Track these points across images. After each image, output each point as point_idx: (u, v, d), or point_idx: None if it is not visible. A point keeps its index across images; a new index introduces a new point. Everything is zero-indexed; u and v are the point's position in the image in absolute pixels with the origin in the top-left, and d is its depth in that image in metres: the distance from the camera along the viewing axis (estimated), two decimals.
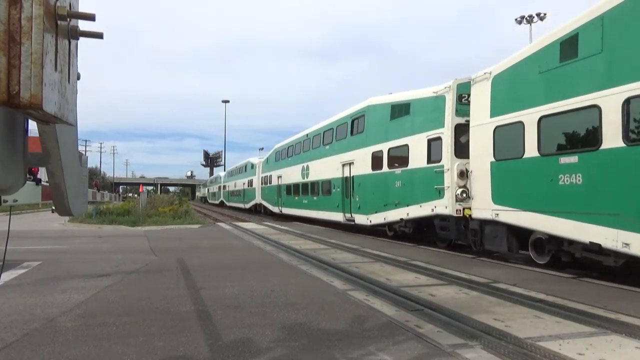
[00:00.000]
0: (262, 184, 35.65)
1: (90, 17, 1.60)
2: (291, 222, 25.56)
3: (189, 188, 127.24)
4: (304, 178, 24.67)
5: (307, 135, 25.14)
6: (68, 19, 1.51)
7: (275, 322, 5.48)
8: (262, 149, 50.12)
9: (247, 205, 41.34)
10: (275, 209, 31.17)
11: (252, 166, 39.67)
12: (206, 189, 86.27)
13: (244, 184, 43.45)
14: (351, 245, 13.96)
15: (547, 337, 4.85)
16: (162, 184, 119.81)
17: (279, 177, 29.98)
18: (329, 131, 21.48)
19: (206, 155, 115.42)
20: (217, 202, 66.51)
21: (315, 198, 23.01)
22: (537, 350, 4.46)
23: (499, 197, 10.29)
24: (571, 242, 8.50)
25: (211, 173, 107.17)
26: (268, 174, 33.50)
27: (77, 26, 1.62)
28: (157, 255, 11.67)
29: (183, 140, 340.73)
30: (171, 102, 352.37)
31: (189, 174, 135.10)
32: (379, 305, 6.36)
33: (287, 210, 28.60)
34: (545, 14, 41.42)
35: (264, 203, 34.79)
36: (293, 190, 26.84)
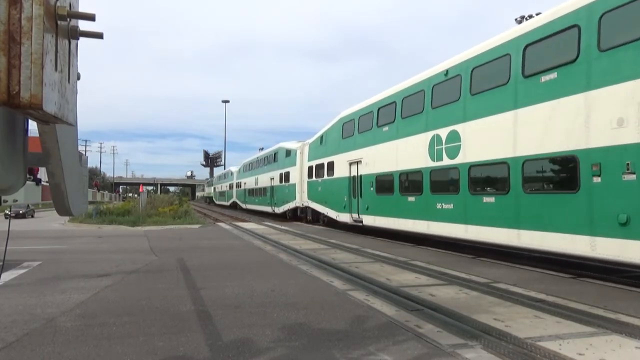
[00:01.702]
0: (310, 176, 23.43)
1: (90, 17, 1.59)
2: (291, 222, 25.54)
3: (189, 188, 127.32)
4: (448, 157, 12.06)
5: (461, 67, 11.80)
6: (68, 19, 1.50)
7: (275, 322, 5.48)
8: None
9: (279, 209, 29.58)
10: (345, 217, 18.84)
11: (289, 153, 27.89)
12: (212, 187, 73.56)
13: (272, 179, 31.60)
14: (351, 245, 13.95)
15: (547, 337, 4.84)
16: (162, 184, 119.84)
17: (355, 163, 17.81)
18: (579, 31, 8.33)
19: (206, 155, 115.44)
20: (227, 203, 53.95)
21: (488, 200, 10.67)
22: (537, 350, 4.46)
23: None
24: None
25: (211, 173, 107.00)
26: (323, 160, 21.49)
27: (77, 26, 1.62)
28: (157, 255, 11.67)
29: (183, 140, 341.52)
30: (172, 102, 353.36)
31: (189, 174, 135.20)
32: (379, 305, 6.36)
33: (383, 221, 15.60)
34: None
35: (314, 206, 22.92)
36: (400, 184, 14.47)
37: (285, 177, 28.22)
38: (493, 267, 9.82)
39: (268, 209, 32.65)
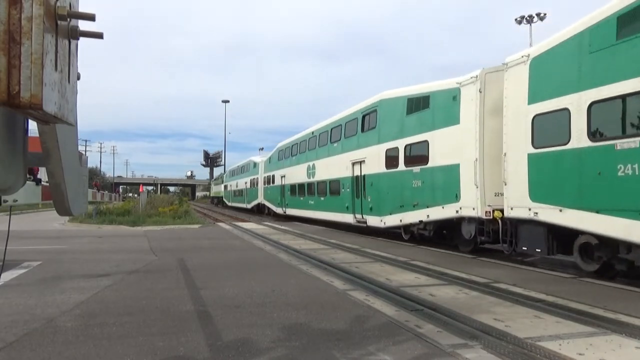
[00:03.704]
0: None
1: (90, 17, 1.60)
2: (291, 222, 25.52)
3: (189, 188, 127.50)
4: None
5: None
6: (68, 19, 1.51)
7: (275, 322, 5.48)
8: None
9: (388, 220, 15.03)
10: None
11: (449, 96, 11.86)
12: (221, 185, 60.61)
13: (355, 164, 17.38)
14: (351, 245, 13.95)
15: (547, 337, 4.84)
16: (162, 184, 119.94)
17: None
18: None
19: (206, 155, 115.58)
20: (247, 205, 39.56)
21: None
22: (537, 350, 4.46)
23: None
24: None
25: (211, 173, 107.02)
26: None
27: (77, 26, 1.62)
28: (157, 255, 11.67)
29: (184, 140, 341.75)
30: (172, 102, 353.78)
31: (189, 174, 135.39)
32: (379, 305, 6.36)
33: None
34: (545, 14, 41.49)
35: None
36: None
37: (420, 150, 13.45)
38: (493, 267, 9.82)
39: (347, 217, 18.12)
